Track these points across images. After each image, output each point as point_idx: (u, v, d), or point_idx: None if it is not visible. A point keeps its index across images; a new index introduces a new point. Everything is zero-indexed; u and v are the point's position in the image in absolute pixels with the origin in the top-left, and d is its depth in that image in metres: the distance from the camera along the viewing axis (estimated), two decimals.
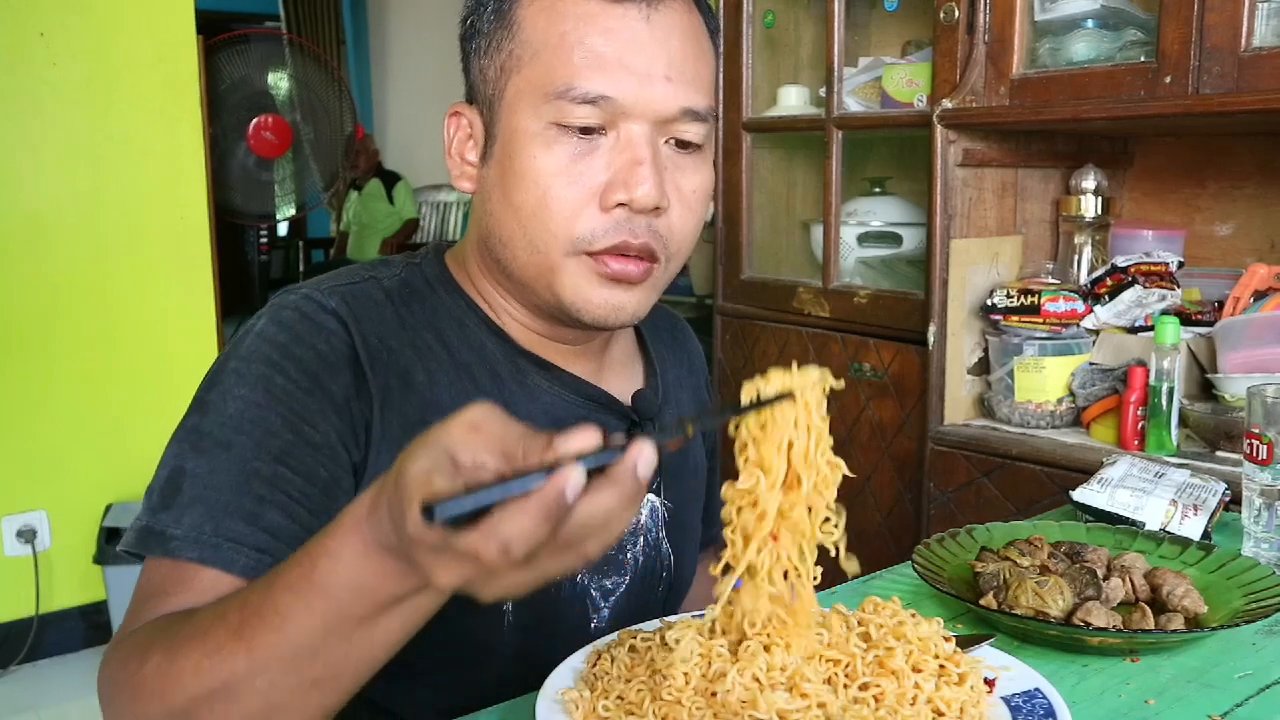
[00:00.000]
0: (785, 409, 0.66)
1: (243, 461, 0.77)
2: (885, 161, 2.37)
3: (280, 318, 0.84)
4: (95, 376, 2.88)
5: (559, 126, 0.83)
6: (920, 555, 0.98)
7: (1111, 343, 1.84)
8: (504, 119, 0.86)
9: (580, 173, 0.84)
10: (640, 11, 0.84)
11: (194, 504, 0.76)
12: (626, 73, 0.83)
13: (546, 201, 0.83)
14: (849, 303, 2.15)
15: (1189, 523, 1.11)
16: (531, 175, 0.84)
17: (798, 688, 0.63)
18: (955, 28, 1.93)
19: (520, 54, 0.85)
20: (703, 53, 0.89)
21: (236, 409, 0.79)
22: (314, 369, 0.81)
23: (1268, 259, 1.89)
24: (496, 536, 0.51)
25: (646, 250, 0.85)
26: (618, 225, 0.83)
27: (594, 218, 0.84)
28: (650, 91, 0.83)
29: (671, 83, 0.84)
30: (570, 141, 0.83)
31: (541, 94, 0.83)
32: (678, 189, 0.87)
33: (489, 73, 0.88)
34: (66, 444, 2.85)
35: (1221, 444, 1.64)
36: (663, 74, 0.84)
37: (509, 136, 0.86)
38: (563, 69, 0.83)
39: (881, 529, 2.12)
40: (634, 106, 0.83)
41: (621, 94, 0.83)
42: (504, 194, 0.86)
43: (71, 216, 2.83)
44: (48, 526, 2.84)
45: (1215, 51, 1.60)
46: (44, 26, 2.74)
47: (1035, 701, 0.68)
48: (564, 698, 0.68)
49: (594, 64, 0.82)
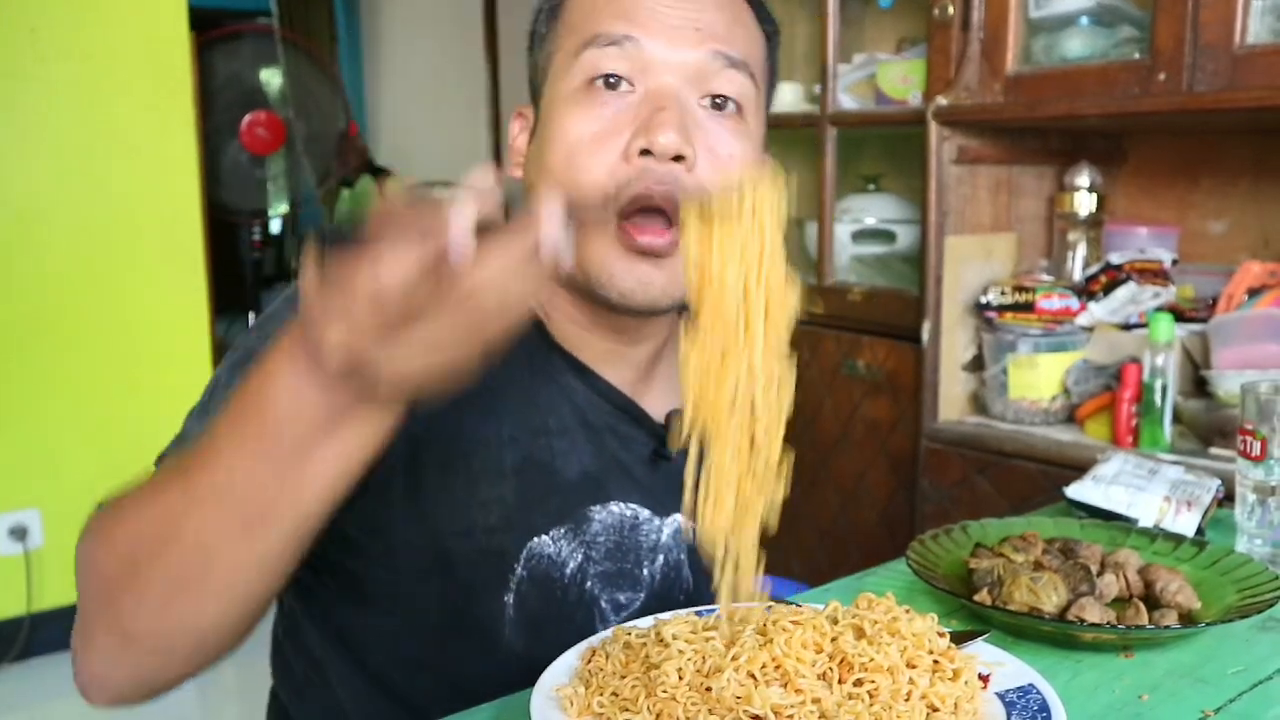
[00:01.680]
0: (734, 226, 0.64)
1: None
2: (879, 158, 2.38)
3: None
4: (87, 374, 2.87)
5: (589, 84, 0.83)
6: (915, 552, 0.98)
7: (1105, 340, 1.85)
8: (546, 94, 0.87)
9: (607, 129, 0.82)
10: None
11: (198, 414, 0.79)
12: (654, 20, 0.82)
13: (573, 159, 0.82)
14: (843, 300, 2.15)
15: (1183, 519, 1.12)
16: (560, 135, 0.83)
17: (792, 683, 0.63)
18: (949, 25, 1.93)
19: (561, 31, 0.87)
20: (739, 19, 0.86)
21: (259, 341, 0.78)
22: None
23: (1261, 256, 1.90)
24: (372, 262, 0.52)
25: (669, 200, 0.80)
26: (640, 174, 0.80)
27: (618, 169, 0.81)
28: (677, 38, 0.82)
29: (701, 33, 0.83)
30: (599, 98, 0.82)
31: (574, 53, 0.83)
32: (710, 150, 0.83)
33: (540, 60, 0.89)
34: (59, 442, 2.84)
35: (1215, 440, 1.65)
36: (693, 26, 0.83)
37: (547, 108, 0.86)
38: (592, 21, 0.83)
39: (876, 526, 2.12)
40: (660, 53, 0.82)
41: (648, 34, 0.81)
42: (540, 160, 0.85)
43: (63, 214, 2.82)
44: (40, 525, 2.83)
45: (1209, 49, 1.60)
46: (35, 23, 2.72)
47: (1029, 697, 0.68)
48: (559, 694, 0.68)
49: (621, 13, 0.82)
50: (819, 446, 2.18)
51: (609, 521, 0.91)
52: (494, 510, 0.86)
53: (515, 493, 0.86)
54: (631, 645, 0.71)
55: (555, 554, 0.88)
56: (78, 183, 2.83)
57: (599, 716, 0.66)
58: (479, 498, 0.85)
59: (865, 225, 2.26)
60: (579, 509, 0.90)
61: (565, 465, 0.89)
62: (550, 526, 0.88)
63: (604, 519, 0.91)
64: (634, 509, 0.92)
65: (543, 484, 0.88)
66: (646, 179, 0.80)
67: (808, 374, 2.16)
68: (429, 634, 0.86)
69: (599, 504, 0.91)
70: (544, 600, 0.88)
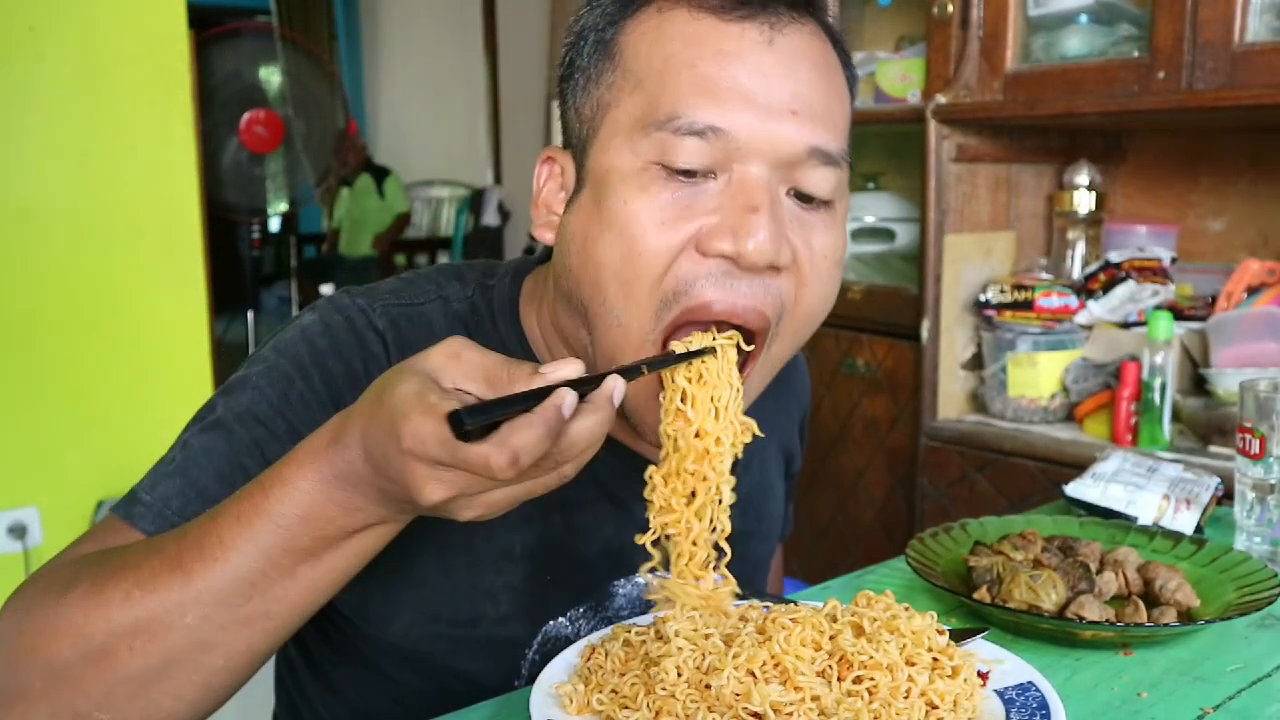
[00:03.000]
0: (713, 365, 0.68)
1: (235, 454, 0.75)
2: (878, 157, 2.37)
3: (329, 320, 0.79)
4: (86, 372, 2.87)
5: (659, 167, 0.70)
6: (914, 550, 0.98)
7: (1104, 338, 1.85)
8: (595, 157, 0.74)
9: (679, 219, 0.70)
10: (762, 33, 0.71)
11: (175, 475, 0.74)
12: (743, 102, 0.69)
13: (635, 253, 0.70)
14: (842, 298, 2.14)
15: (1182, 517, 1.12)
16: (620, 222, 0.70)
17: (791, 681, 0.63)
18: (949, 23, 1.93)
19: (621, 84, 0.73)
20: (835, 88, 0.75)
21: (250, 400, 0.76)
22: (339, 385, 0.77)
23: (1260, 254, 1.90)
24: (508, 446, 0.53)
25: (756, 315, 0.70)
26: (717, 277, 0.69)
27: (689, 262, 0.70)
28: (772, 127, 0.69)
29: (798, 117, 0.70)
30: (672, 186, 0.70)
31: (641, 126, 0.70)
32: (804, 247, 0.72)
33: (585, 110, 0.76)
34: (57, 440, 2.84)
35: (1214, 439, 1.65)
36: (787, 106, 0.70)
37: (600, 177, 0.73)
38: (668, 95, 0.70)
39: (875, 524, 2.12)
40: (751, 143, 0.69)
41: (736, 127, 0.69)
42: (585, 246, 0.73)
43: (61, 212, 2.81)
44: (39, 523, 2.83)
45: (1208, 47, 1.60)
46: (33, 20, 2.72)
47: (1028, 695, 0.68)
48: (558, 691, 0.68)
49: (705, 90, 0.69)
50: (818, 445, 2.18)
51: (634, 594, 0.87)
52: (503, 599, 0.82)
53: (528, 577, 0.82)
54: (631, 643, 0.71)
55: (573, 634, 0.84)
56: (76, 180, 2.83)
57: (598, 714, 0.65)
58: (484, 585, 0.81)
59: (864, 223, 2.26)
60: (601, 586, 0.86)
61: (586, 542, 0.84)
62: (568, 608, 0.84)
63: (628, 592, 0.87)
64: (663, 576, 0.90)
65: (560, 566, 0.83)
66: (721, 286, 0.70)
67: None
68: (432, 701, 0.82)
69: (623, 578, 0.87)
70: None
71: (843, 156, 0.73)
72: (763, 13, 0.71)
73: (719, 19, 0.71)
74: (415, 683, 0.82)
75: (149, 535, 0.71)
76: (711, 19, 0.71)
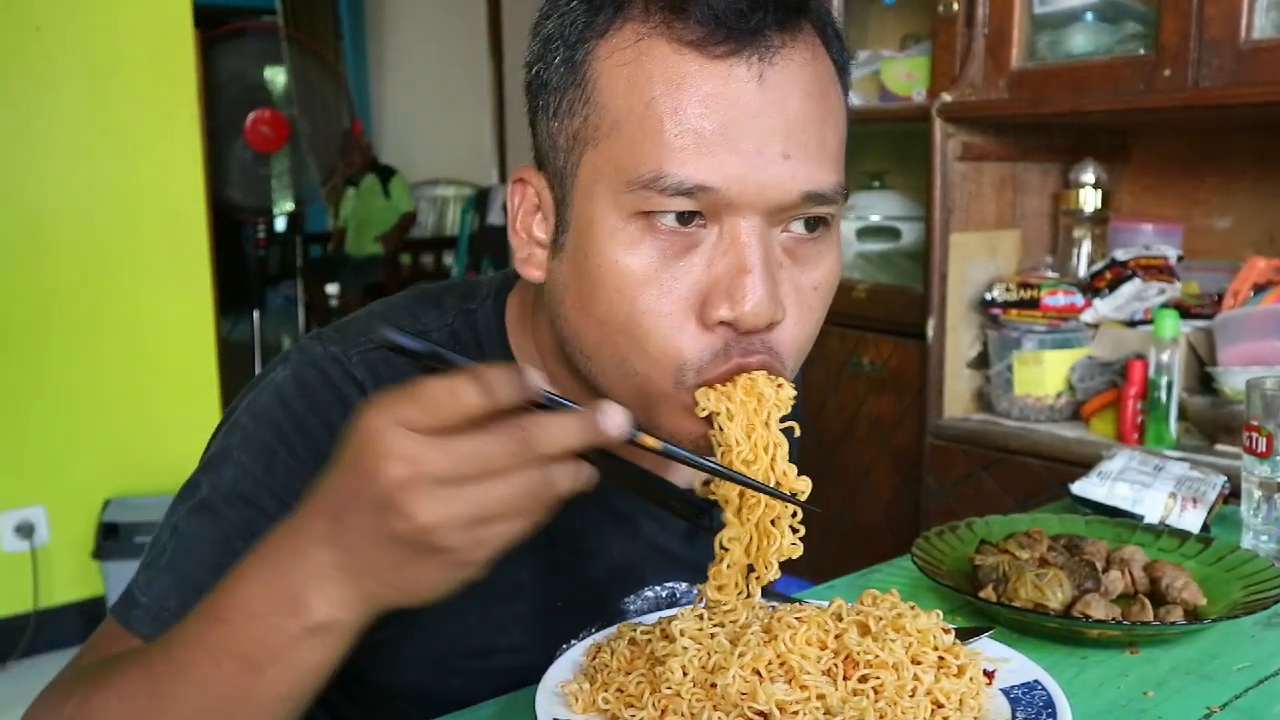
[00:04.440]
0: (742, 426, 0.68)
1: (227, 539, 0.71)
2: (883, 155, 2.37)
3: (303, 376, 0.75)
4: (93, 372, 2.88)
5: (645, 218, 0.66)
6: (919, 548, 0.98)
7: (1110, 336, 1.84)
8: (578, 203, 0.70)
9: (674, 278, 0.67)
10: (750, 69, 0.65)
11: (169, 570, 0.72)
12: (731, 153, 0.65)
13: (636, 318, 0.67)
14: (847, 297, 2.15)
15: (1188, 515, 1.11)
16: (614, 283, 0.67)
17: (797, 679, 0.63)
18: (954, 21, 1.92)
19: (597, 122, 0.68)
20: (830, 110, 0.70)
21: (233, 476, 0.73)
22: (324, 448, 0.71)
23: (1266, 252, 1.89)
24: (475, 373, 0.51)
25: (768, 368, 0.69)
26: (727, 347, 0.67)
27: (698, 339, 0.67)
28: (763, 175, 0.65)
29: (790, 161, 0.66)
30: (661, 238, 0.67)
31: (623, 179, 0.66)
32: (795, 289, 0.70)
33: (559, 139, 0.71)
34: (64, 439, 2.84)
35: (1220, 437, 1.65)
36: (779, 150, 0.66)
37: (584, 228, 0.69)
38: (649, 149, 0.65)
39: (880, 523, 2.12)
40: (742, 196, 0.65)
41: (727, 182, 0.65)
42: (581, 301, 0.70)
43: (68, 211, 2.82)
44: (46, 522, 2.84)
45: (1214, 44, 1.59)
46: (40, 21, 2.72)
47: (1035, 693, 0.68)
48: (563, 690, 0.68)
49: (689, 142, 0.65)
50: (823, 443, 2.18)
51: (644, 608, 0.87)
52: (514, 630, 0.81)
53: (538, 607, 0.81)
54: (636, 641, 0.71)
55: None
56: (82, 180, 2.83)
57: (603, 713, 0.66)
58: (495, 619, 0.79)
59: (870, 222, 2.26)
60: (612, 604, 0.85)
61: (594, 564, 0.83)
62: (581, 629, 0.83)
63: (639, 606, 0.87)
64: (670, 587, 0.88)
65: (570, 591, 0.82)
66: (733, 353, 0.68)
67: (812, 371, 2.16)
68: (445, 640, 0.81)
69: (632, 593, 0.86)
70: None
71: (838, 192, 0.69)
72: (751, 43, 0.65)
73: (704, 56, 0.65)
74: (431, 713, 0.81)
75: (149, 639, 0.70)
76: (695, 56, 0.65)
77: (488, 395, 0.51)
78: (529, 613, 0.81)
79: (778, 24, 0.66)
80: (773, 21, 0.66)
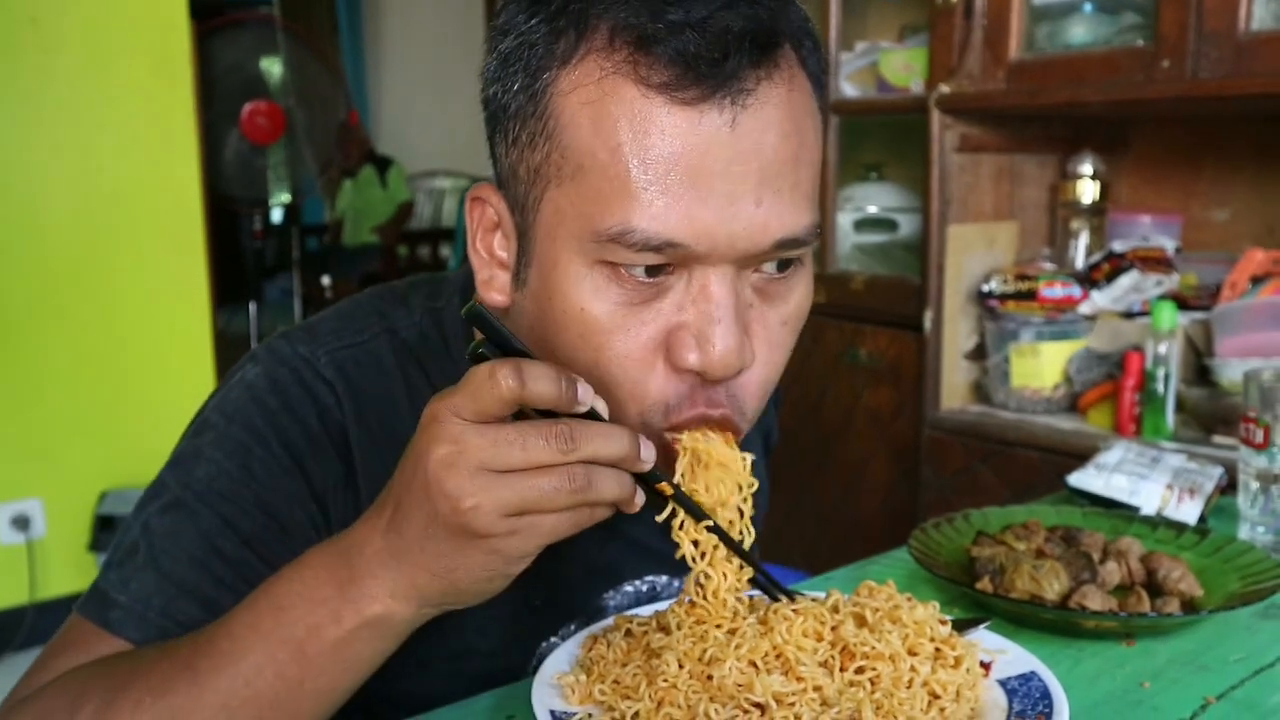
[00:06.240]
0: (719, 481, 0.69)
1: (207, 536, 0.71)
2: (881, 147, 2.37)
3: (275, 375, 0.75)
4: (89, 363, 2.87)
5: (611, 267, 0.64)
6: (916, 540, 0.98)
7: (1108, 328, 1.84)
8: (541, 241, 0.67)
9: (642, 323, 0.65)
10: (722, 114, 0.61)
11: (147, 568, 0.70)
12: (702, 205, 0.61)
13: (603, 364, 0.66)
14: (845, 289, 2.14)
15: (1185, 507, 1.11)
16: (578, 329, 0.65)
17: (793, 670, 0.63)
18: (952, 12, 1.92)
19: (560, 162, 0.64)
20: (806, 145, 0.66)
21: (207, 474, 0.72)
22: (299, 447, 0.73)
23: (1265, 244, 1.89)
24: (513, 363, 0.56)
25: (728, 424, 0.68)
26: (693, 393, 0.66)
27: (666, 382, 0.66)
28: (733, 226, 0.62)
29: (763, 208, 0.63)
30: (628, 287, 0.64)
31: (589, 228, 0.63)
32: (764, 327, 0.68)
33: (520, 169, 0.68)
34: (61, 431, 2.84)
35: (1218, 429, 1.65)
36: (751, 199, 0.62)
37: (547, 270, 0.67)
38: (615, 200, 0.62)
39: (878, 514, 2.12)
40: (713, 250, 0.63)
41: (695, 237, 0.62)
42: (547, 338, 0.68)
43: (64, 203, 2.81)
44: (42, 514, 2.84)
45: (1213, 35, 1.59)
46: (36, 13, 2.71)
47: (1031, 684, 0.68)
48: (560, 681, 0.68)
49: (657, 195, 0.61)
50: (821, 435, 2.18)
51: (624, 604, 0.87)
52: (491, 631, 0.81)
53: (514, 608, 0.79)
54: (633, 633, 0.71)
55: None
56: (79, 172, 2.83)
57: (600, 704, 0.66)
58: (470, 623, 0.77)
59: (867, 214, 2.26)
60: (591, 601, 0.85)
61: (570, 566, 0.82)
62: (559, 627, 0.84)
63: (619, 602, 0.86)
64: (650, 580, 0.88)
65: (546, 590, 0.82)
66: (699, 402, 0.66)
67: (809, 363, 2.16)
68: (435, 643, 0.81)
69: (611, 589, 0.86)
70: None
71: (811, 234, 0.66)
72: (724, 86, 0.61)
73: (672, 101, 0.61)
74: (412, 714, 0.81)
75: (136, 642, 0.69)
76: (663, 100, 0.61)
77: (525, 385, 0.55)
78: (505, 615, 0.80)
79: (753, 64, 0.62)
80: (748, 63, 0.62)
